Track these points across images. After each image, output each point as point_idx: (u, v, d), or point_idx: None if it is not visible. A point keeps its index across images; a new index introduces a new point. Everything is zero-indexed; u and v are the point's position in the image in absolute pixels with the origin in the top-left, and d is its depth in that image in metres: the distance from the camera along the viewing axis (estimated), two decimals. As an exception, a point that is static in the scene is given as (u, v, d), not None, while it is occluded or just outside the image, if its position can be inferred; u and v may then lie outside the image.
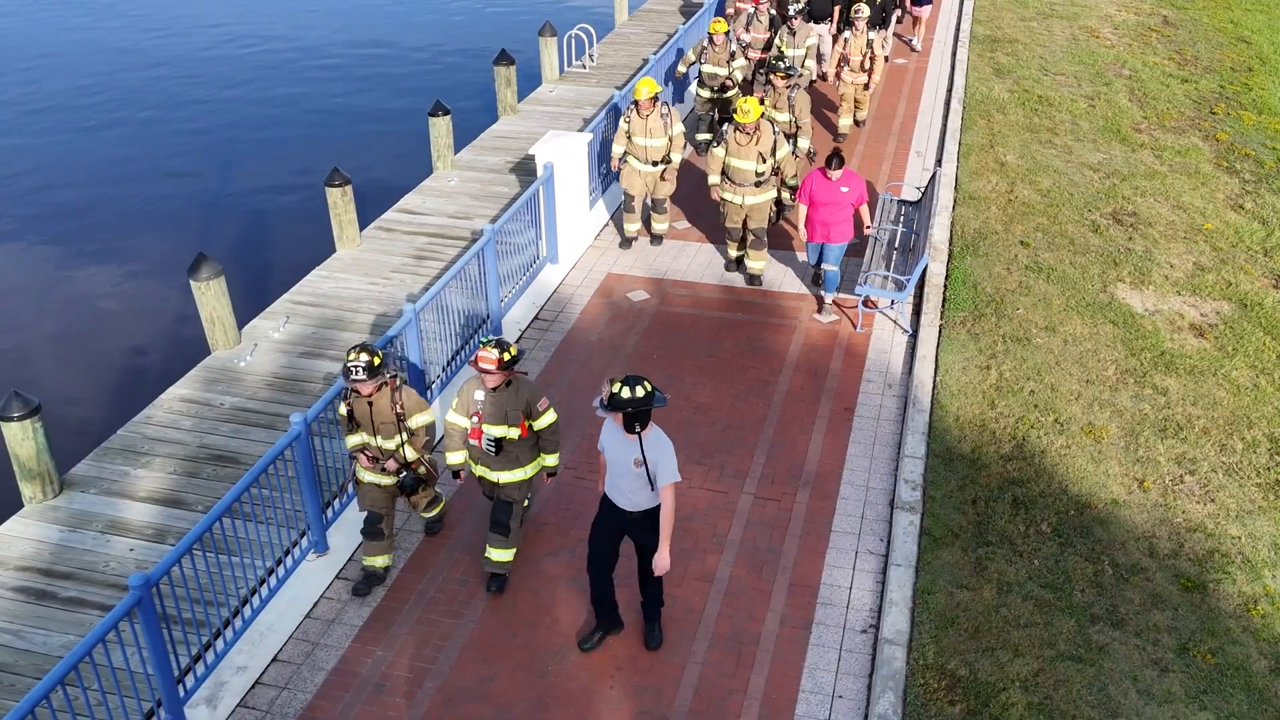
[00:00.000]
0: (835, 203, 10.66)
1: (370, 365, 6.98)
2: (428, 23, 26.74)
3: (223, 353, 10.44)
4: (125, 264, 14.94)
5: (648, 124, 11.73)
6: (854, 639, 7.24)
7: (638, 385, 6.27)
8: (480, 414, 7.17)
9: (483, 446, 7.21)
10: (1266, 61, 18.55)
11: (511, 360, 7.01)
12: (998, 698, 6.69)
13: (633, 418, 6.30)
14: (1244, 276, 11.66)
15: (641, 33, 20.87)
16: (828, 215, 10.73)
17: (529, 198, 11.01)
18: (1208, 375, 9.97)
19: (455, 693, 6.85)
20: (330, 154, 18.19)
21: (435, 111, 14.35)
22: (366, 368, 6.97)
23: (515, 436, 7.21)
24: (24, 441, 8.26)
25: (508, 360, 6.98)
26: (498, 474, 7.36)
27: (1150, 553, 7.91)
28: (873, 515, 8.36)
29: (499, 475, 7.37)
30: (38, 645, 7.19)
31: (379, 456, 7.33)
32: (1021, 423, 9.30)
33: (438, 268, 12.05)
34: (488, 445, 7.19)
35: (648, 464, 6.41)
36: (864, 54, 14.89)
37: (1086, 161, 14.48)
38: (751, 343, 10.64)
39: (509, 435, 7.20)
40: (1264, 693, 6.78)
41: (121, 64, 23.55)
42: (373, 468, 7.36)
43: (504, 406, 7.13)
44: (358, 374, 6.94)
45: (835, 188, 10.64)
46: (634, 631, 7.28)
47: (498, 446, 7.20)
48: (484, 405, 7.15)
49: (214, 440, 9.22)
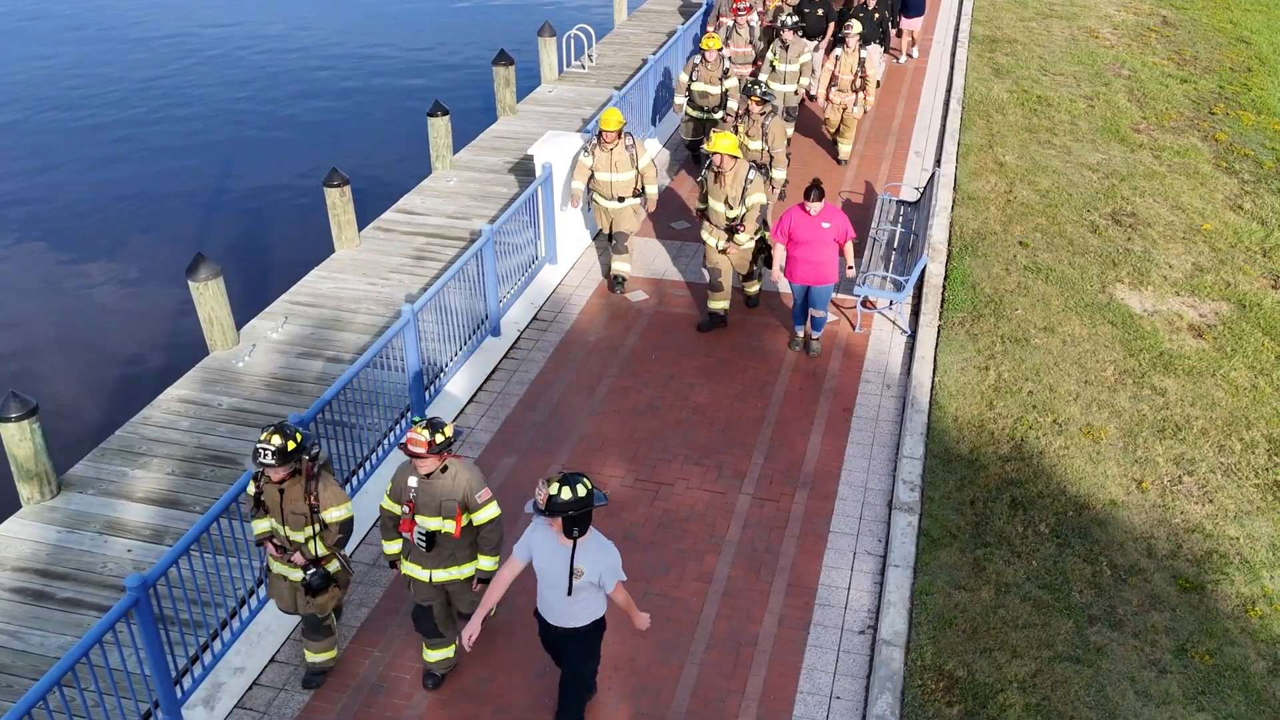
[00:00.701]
0: (817, 240, 9.74)
1: (283, 450, 6.11)
2: (427, 23, 26.74)
3: (221, 353, 10.43)
4: (123, 264, 14.94)
5: (612, 157, 10.86)
6: (852, 640, 7.24)
7: (578, 484, 5.51)
8: (413, 503, 6.34)
9: (414, 540, 6.39)
10: (1266, 61, 18.55)
11: (446, 442, 6.20)
12: (995, 699, 6.68)
13: (573, 522, 5.55)
14: (1243, 277, 11.66)
15: (641, 33, 20.87)
16: (809, 254, 9.80)
17: (528, 198, 11.00)
18: (1206, 376, 9.97)
19: (453, 694, 6.85)
20: (329, 154, 18.19)
21: (434, 112, 14.34)
22: (278, 452, 6.10)
23: (450, 531, 6.37)
24: (22, 442, 8.25)
25: (441, 442, 6.17)
26: (429, 572, 6.52)
27: (1148, 553, 7.90)
28: (871, 516, 8.36)
29: (430, 574, 6.52)
30: (35, 646, 7.19)
31: (287, 547, 6.52)
32: (1020, 423, 9.29)
33: (436, 268, 12.05)
34: (419, 539, 6.36)
35: (589, 575, 5.70)
36: (854, 74, 13.92)
37: (1085, 162, 14.48)
38: (750, 343, 10.63)
39: (444, 529, 6.36)
40: (1262, 694, 6.77)
41: (120, 64, 23.54)
42: (281, 558, 6.55)
43: (438, 496, 6.30)
44: (267, 458, 6.10)
45: (815, 224, 9.70)
46: (632, 632, 7.27)
47: (430, 541, 6.36)
48: (417, 493, 6.33)
49: (212, 440, 9.21)
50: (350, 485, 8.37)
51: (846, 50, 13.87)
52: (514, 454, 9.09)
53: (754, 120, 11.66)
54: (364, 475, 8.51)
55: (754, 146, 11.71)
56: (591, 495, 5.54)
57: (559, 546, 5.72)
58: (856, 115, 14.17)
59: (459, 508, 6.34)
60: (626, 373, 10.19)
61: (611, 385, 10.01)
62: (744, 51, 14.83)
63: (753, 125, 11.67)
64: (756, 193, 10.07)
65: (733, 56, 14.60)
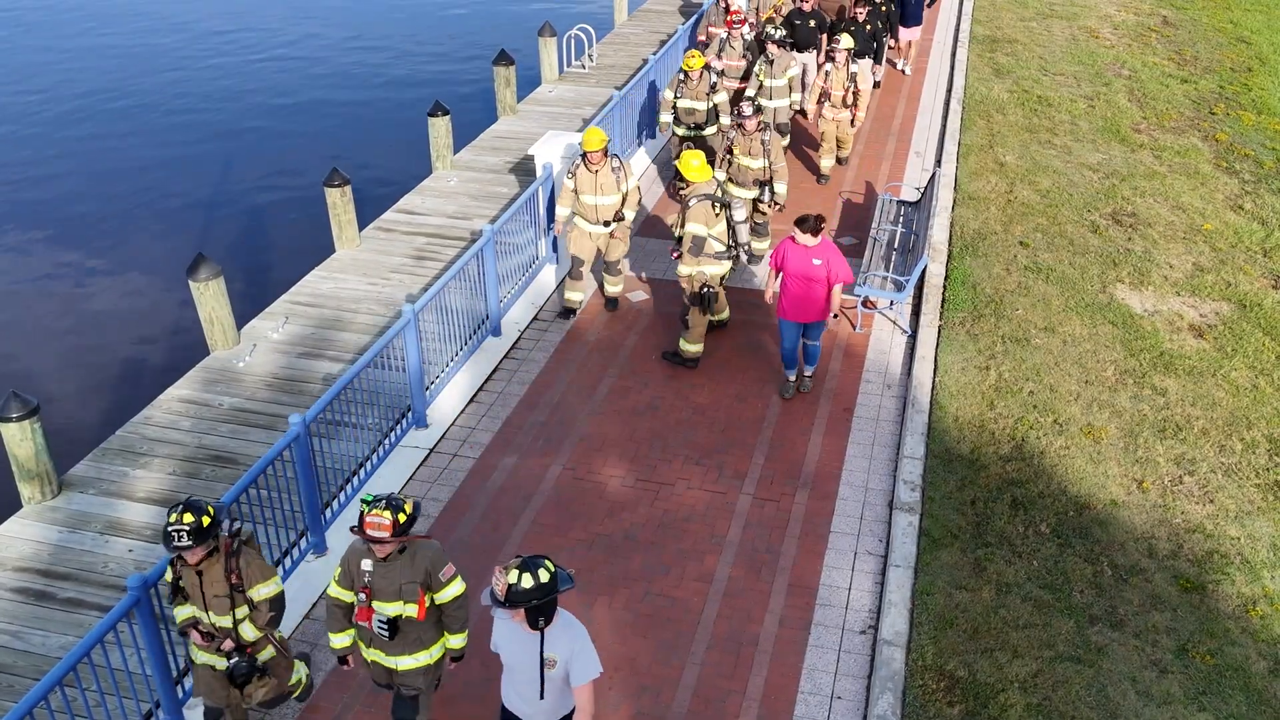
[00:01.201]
0: (807, 276, 9.03)
1: (198, 528, 5.54)
2: (428, 23, 26.74)
3: (222, 353, 10.44)
4: (124, 264, 14.94)
5: (598, 179, 10.30)
6: (853, 640, 7.24)
7: (538, 569, 4.92)
8: (369, 590, 5.79)
9: (373, 628, 5.85)
10: (1266, 62, 18.55)
11: (408, 521, 5.62)
12: (996, 699, 6.69)
13: (537, 611, 4.96)
14: (1243, 277, 11.66)
15: (641, 33, 20.87)
16: (799, 290, 9.12)
17: (528, 198, 11.00)
18: (1207, 376, 9.97)
19: (454, 693, 6.85)
20: (329, 154, 18.20)
21: (434, 111, 14.35)
22: (193, 531, 5.53)
23: (413, 615, 5.83)
24: (23, 442, 8.26)
25: (404, 523, 5.59)
26: (395, 659, 5.99)
27: (1149, 553, 7.90)
28: (871, 516, 8.36)
29: (396, 661, 6.00)
30: (36, 646, 7.19)
31: (214, 634, 5.92)
32: (1020, 423, 9.30)
33: (437, 268, 12.05)
34: (379, 627, 5.83)
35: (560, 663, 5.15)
36: (846, 89, 13.41)
37: (1086, 162, 14.48)
38: (750, 343, 10.63)
39: (405, 614, 5.82)
40: (1263, 694, 6.77)
41: (121, 64, 23.55)
42: (208, 646, 5.94)
43: (397, 579, 5.74)
44: (182, 540, 5.50)
45: (807, 258, 9.00)
46: (633, 633, 7.28)
47: (392, 628, 5.82)
48: (373, 578, 5.76)
49: (213, 441, 9.21)
50: (351, 485, 8.38)
51: (836, 65, 13.38)
52: (514, 454, 9.10)
53: (751, 136, 11.15)
54: (364, 475, 8.51)
55: (753, 165, 11.22)
56: (556, 579, 4.96)
57: (526, 636, 5.13)
58: (850, 131, 13.92)
59: (421, 590, 5.78)
60: (627, 373, 10.19)
61: (612, 385, 10.01)
62: (736, 65, 14.39)
63: (751, 142, 11.17)
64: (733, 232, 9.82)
65: (725, 70, 14.11)
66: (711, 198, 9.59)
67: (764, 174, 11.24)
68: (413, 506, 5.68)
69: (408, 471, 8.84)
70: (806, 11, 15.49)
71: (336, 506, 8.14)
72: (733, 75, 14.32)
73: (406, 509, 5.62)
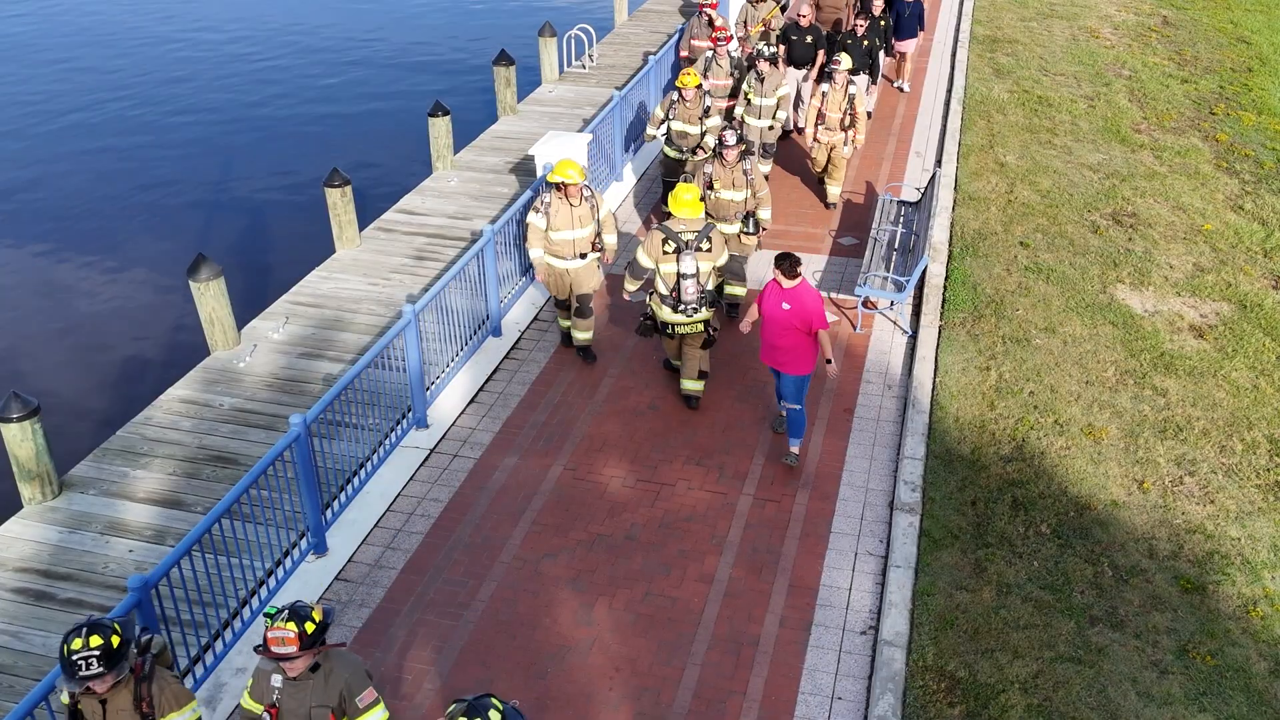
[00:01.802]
0: (778, 320, 8.28)
1: (108, 651, 4.75)
2: (428, 23, 26.73)
3: (222, 353, 10.43)
4: (124, 265, 14.94)
5: (574, 213, 9.65)
6: (853, 640, 7.24)
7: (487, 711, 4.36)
8: (275, 710, 5.15)
9: None
10: (1266, 62, 18.55)
11: (318, 630, 4.96)
12: (997, 699, 6.69)
13: None
14: (1243, 277, 11.66)
15: (641, 33, 20.87)
16: (773, 336, 8.41)
17: (528, 198, 11.00)
18: (1207, 376, 9.97)
19: (454, 694, 6.85)
20: (330, 154, 18.18)
21: (435, 112, 14.34)
22: (104, 656, 4.73)
23: None
24: (23, 442, 8.26)
25: (313, 634, 4.92)
26: None
27: (1150, 554, 7.90)
28: (872, 516, 8.36)
29: None
30: (37, 646, 7.19)
31: None
32: (1021, 424, 9.30)
33: (437, 268, 12.05)
34: None
35: None
36: (843, 111, 12.53)
37: (1086, 162, 14.48)
38: (751, 344, 10.63)
39: None
40: (1263, 694, 6.77)
41: (120, 64, 23.54)
42: None
43: (307, 702, 5.07)
44: (91, 669, 4.71)
45: (778, 301, 8.28)
46: (633, 633, 7.28)
47: None
48: (281, 697, 5.12)
49: (213, 441, 9.21)
50: (351, 485, 8.38)
51: (834, 86, 12.49)
52: (515, 454, 9.10)
53: (731, 168, 10.26)
54: (365, 476, 8.51)
55: (735, 198, 10.32)
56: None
57: None
58: (846, 155, 12.92)
59: (332, 715, 5.09)
60: (627, 373, 10.19)
61: (612, 386, 10.01)
62: (723, 85, 13.56)
63: (732, 174, 10.27)
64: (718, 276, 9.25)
65: (711, 90, 13.14)
66: (671, 234, 8.95)
67: (745, 206, 10.44)
68: (322, 613, 5.02)
69: (408, 472, 8.84)
70: (804, 27, 14.52)
71: (337, 507, 8.15)
72: (720, 95, 13.57)
73: (315, 616, 4.96)
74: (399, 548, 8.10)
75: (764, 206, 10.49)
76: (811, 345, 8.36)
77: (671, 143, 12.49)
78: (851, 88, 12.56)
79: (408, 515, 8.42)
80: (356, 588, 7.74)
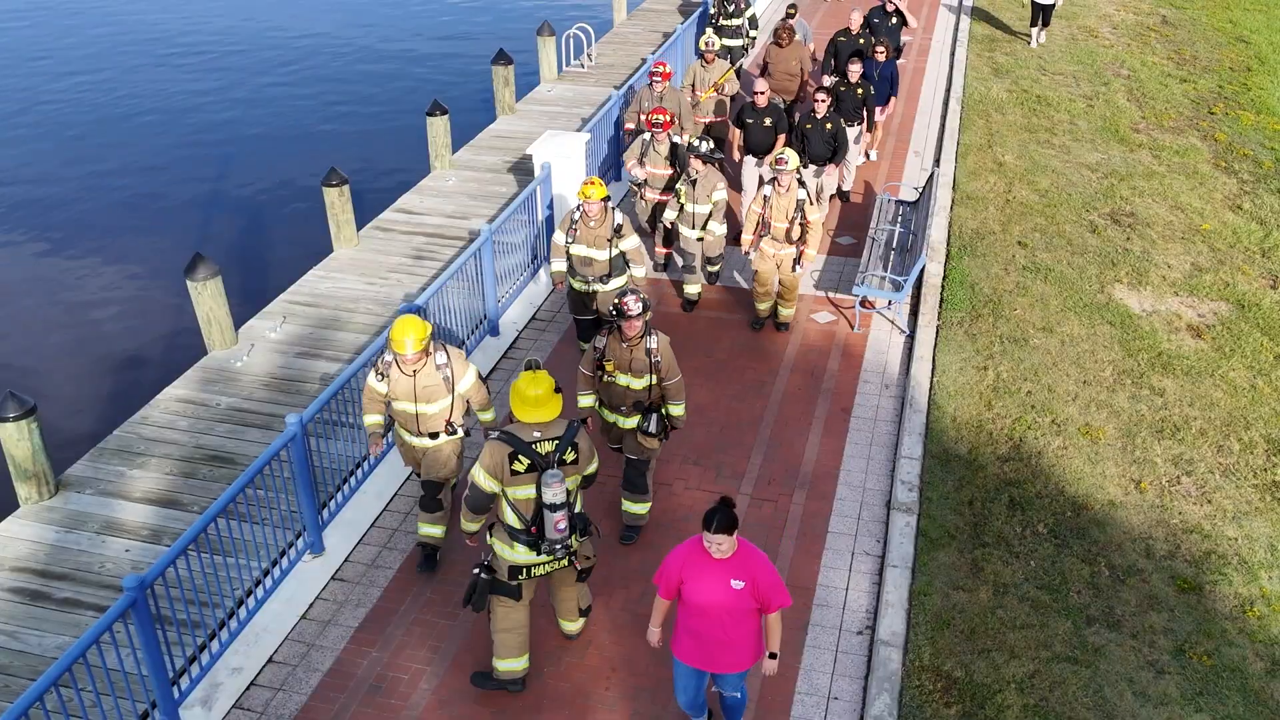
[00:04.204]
0: (718, 604, 5.53)
1: None
2: (426, 22, 26.73)
3: (219, 353, 10.43)
4: (121, 264, 14.93)
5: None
6: (850, 640, 7.23)
7: None
8: None
9: None
10: (1265, 61, 18.55)
11: None
12: (993, 699, 6.68)
13: None
14: (1242, 277, 11.66)
15: (640, 32, 20.86)
16: (709, 626, 5.62)
17: (526, 197, 11.00)
18: (1205, 376, 9.97)
19: (451, 694, 6.84)
20: (328, 154, 18.18)
21: (433, 111, 14.34)
22: None
23: None
24: (20, 442, 8.25)
25: None
26: None
27: (1147, 554, 7.90)
28: (869, 516, 8.36)
29: None
30: (32, 646, 7.18)
31: None
32: (1018, 423, 9.29)
33: (435, 268, 12.04)
34: None
35: None
36: (790, 219, 9.92)
37: (1085, 161, 14.48)
38: (749, 343, 10.62)
39: None
40: (1260, 694, 6.77)
41: (119, 64, 23.54)
42: None
43: None
44: None
45: (722, 579, 5.50)
46: (631, 633, 7.27)
47: None
48: None
49: (210, 441, 9.21)
50: (348, 485, 8.37)
51: (779, 189, 9.90)
52: (512, 454, 9.08)
53: (633, 345, 7.47)
54: (361, 475, 8.50)
55: (637, 385, 7.57)
56: None
57: None
58: (796, 275, 10.22)
59: None
60: (625, 373, 10.17)
61: (610, 385, 9.99)
62: (661, 174, 11.28)
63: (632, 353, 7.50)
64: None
65: (648, 180, 11.30)
66: (520, 446, 6.15)
67: (649, 397, 7.66)
68: None
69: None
70: (760, 107, 11.84)
71: (334, 506, 8.14)
72: (655, 186, 11.36)
73: None
74: (396, 547, 8.10)
75: (675, 399, 7.63)
76: (760, 626, 5.75)
77: (575, 272, 9.52)
78: (801, 191, 9.89)
79: (404, 515, 8.41)
80: (353, 587, 7.73)
